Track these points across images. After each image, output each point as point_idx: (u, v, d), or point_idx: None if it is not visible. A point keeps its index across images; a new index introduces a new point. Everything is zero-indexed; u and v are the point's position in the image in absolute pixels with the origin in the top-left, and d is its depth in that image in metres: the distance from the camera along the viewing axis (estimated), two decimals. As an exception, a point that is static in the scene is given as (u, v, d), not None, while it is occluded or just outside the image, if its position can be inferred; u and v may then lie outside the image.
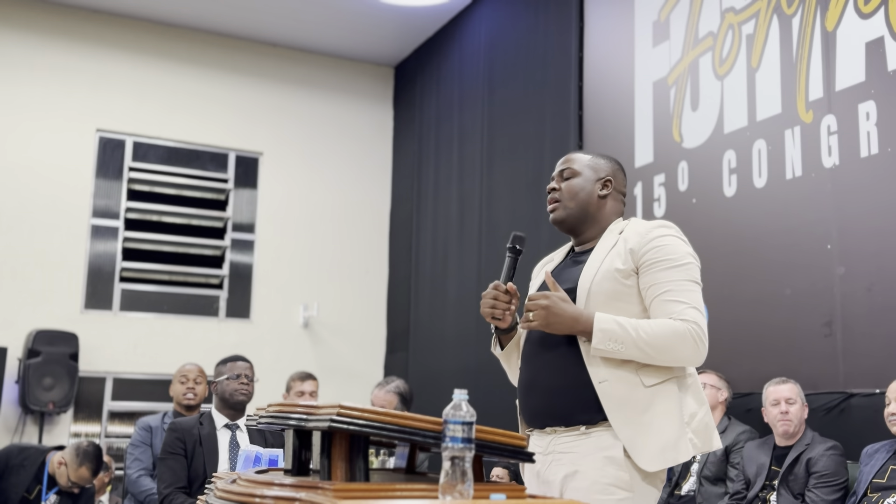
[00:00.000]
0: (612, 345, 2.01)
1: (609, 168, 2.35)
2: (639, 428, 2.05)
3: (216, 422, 3.63)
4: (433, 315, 7.71)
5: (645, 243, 2.15)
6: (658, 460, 2.04)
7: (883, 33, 3.94)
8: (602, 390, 2.09)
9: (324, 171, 8.69)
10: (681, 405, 2.09)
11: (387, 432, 1.72)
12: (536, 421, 2.24)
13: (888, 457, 3.40)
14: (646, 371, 2.09)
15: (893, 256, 3.82)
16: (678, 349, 2.04)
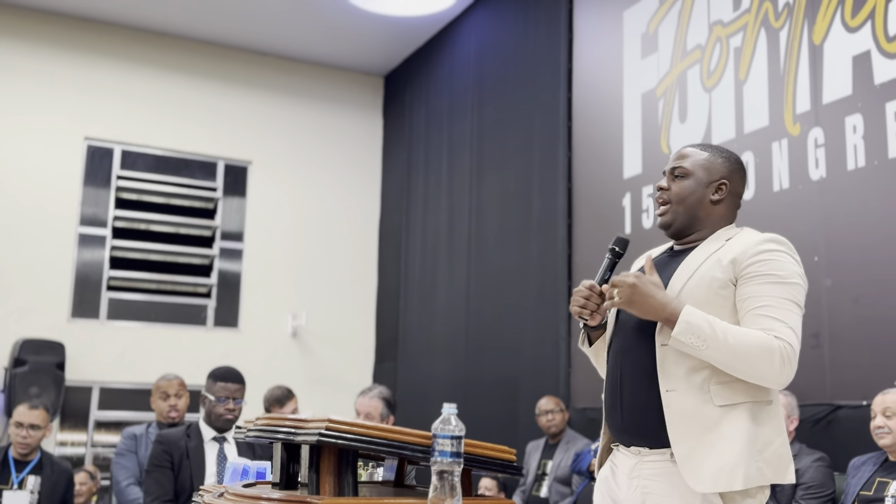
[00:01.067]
0: (693, 339, 1.88)
1: (725, 169, 2.15)
2: (697, 445, 1.95)
3: (204, 434, 3.61)
4: (422, 325, 7.71)
5: (751, 255, 2.02)
6: (709, 483, 1.92)
7: (869, 47, 3.97)
8: (668, 399, 1.99)
9: (313, 180, 8.68)
10: (753, 431, 1.96)
11: (375, 446, 1.72)
12: (622, 437, 2.13)
13: (875, 469, 3.41)
14: (720, 389, 1.98)
15: (880, 269, 3.85)
16: (762, 364, 1.91)
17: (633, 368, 2.09)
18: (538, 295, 6.05)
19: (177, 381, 4.41)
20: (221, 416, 3.58)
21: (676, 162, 2.18)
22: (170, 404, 4.32)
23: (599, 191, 5.64)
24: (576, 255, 5.75)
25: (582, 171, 5.86)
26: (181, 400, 4.37)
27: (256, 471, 2.41)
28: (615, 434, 2.17)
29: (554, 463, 5.00)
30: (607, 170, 5.55)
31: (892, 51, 3.86)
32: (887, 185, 3.84)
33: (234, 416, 3.63)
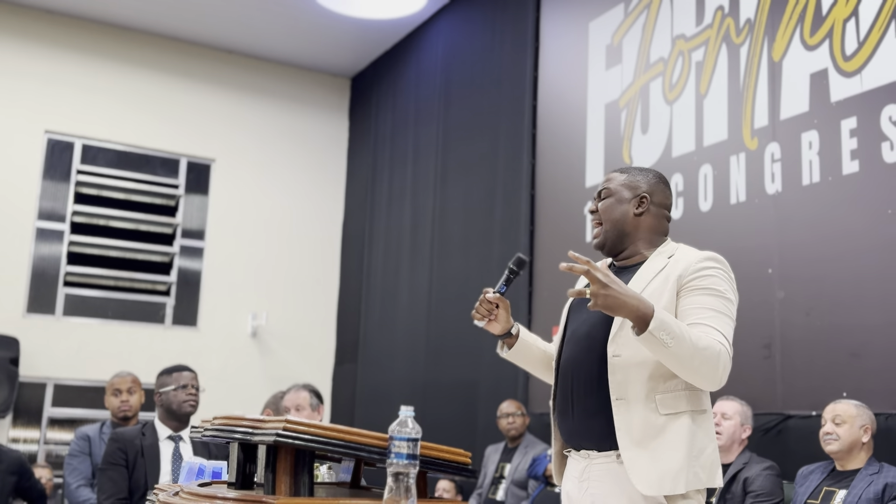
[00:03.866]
0: (664, 336, 1.94)
1: (646, 184, 2.26)
2: (644, 452, 2.06)
3: (159, 433, 3.59)
4: (383, 328, 7.71)
5: (693, 271, 2.13)
6: (655, 486, 2.04)
7: (827, 65, 4.07)
8: (617, 408, 2.09)
9: (277, 180, 8.66)
10: (692, 439, 2.09)
11: (332, 447, 1.74)
12: (572, 441, 2.23)
13: (823, 478, 3.49)
14: (664, 399, 2.09)
15: (832, 282, 3.94)
16: (710, 367, 2.02)
17: (584, 377, 2.19)
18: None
19: (130, 378, 4.37)
20: (185, 401, 3.58)
21: (602, 185, 2.32)
22: (121, 400, 4.29)
23: (562, 198, 5.70)
24: (537, 262, 5.81)
25: (545, 178, 5.91)
26: (133, 396, 4.34)
27: (212, 470, 2.41)
28: (566, 438, 2.26)
29: (512, 466, 5.04)
30: (570, 178, 5.61)
31: (848, 69, 3.96)
32: (841, 200, 3.94)
33: (196, 403, 3.63)
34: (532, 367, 2.46)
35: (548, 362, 2.42)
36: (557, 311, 6.07)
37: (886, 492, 3.25)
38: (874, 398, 3.57)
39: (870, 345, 3.72)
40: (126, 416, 4.28)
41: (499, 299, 2.30)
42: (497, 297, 2.30)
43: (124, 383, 4.34)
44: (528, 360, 2.43)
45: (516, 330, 2.38)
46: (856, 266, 3.84)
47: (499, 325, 2.33)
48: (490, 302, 2.30)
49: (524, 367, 2.47)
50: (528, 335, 2.43)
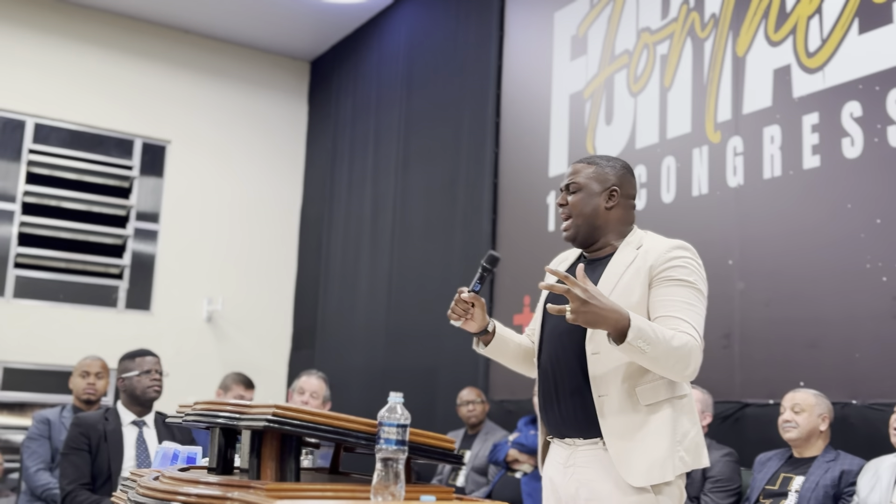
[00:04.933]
0: (642, 343, 1.98)
1: (614, 176, 2.30)
2: (630, 444, 2.11)
3: (122, 418, 3.54)
4: (342, 314, 7.69)
5: (664, 261, 2.17)
6: (644, 477, 2.10)
7: (790, 61, 4.15)
8: (600, 404, 2.15)
9: (234, 163, 8.55)
10: (674, 425, 2.14)
11: (321, 433, 1.74)
12: (557, 431, 2.28)
13: (780, 465, 3.58)
14: (644, 390, 2.14)
15: (791, 274, 4.03)
16: (684, 363, 2.06)
17: (566, 374, 2.25)
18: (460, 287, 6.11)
19: (99, 362, 4.32)
20: (150, 387, 3.54)
21: (569, 178, 2.34)
22: (88, 382, 4.23)
23: (525, 187, 5.73)
24: (500, 250, 5.83)
25: (508, 167, 5.94)
26: (101, 381, 4.28)
27: (187, 456, 2.39)
28: (550, 428, 2.32)
29: (472, 453, 5.08)
30: (533, 167, 5.65)
31: (811, 66, 4.04)
32: (801, 194, 4.03)
33: (160, 388, 3.59)
34: (508, 362, 2.50)
35: (523, 356, 2.46)
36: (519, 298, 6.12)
37: (843, 478, 3.35)
38: (830, 388, 3.67)
39: (827, 336, 3.82)
40: (90, 400, 4.22)
41: (474, 298, 2.32)
42: (472, 296, 2.32)
43: (94, 366, 4.28)
44: (505, 356, 2.47)
45: (492, 327, 2.41)
46: (815, 259, 3.93)
47: (475, 324, 2.36)
48: (465, 301, 2.31)
49: (501, 361, 2.50)
50: (504, 331, 2.45)
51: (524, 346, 2.47)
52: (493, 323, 2.41)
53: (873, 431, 3.49)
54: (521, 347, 2.47)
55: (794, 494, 3.41)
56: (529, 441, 4.56)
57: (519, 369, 2.51)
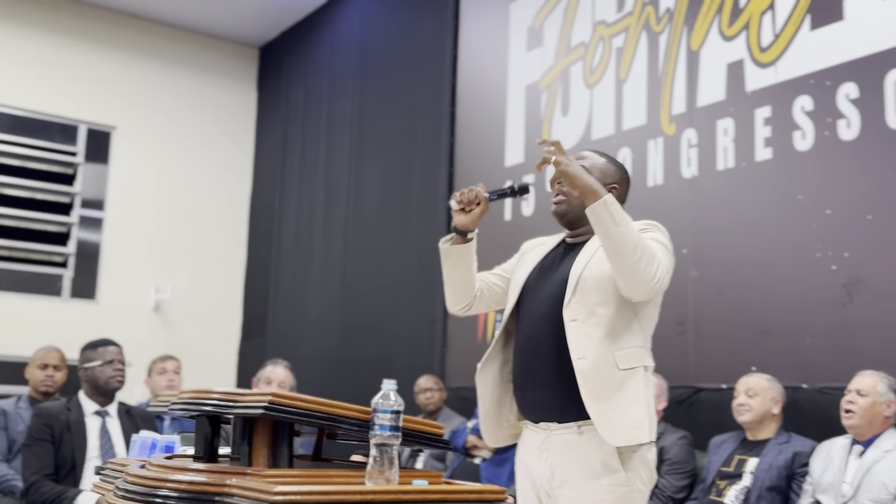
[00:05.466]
0: (614, 212, 2.07)
1: (618, 176, 2.39)
2: (608, 405, 2.16)
3: (85, 408, 3.50)
4: (294, 303, 7.66)
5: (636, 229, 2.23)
6: (622, 437, 2.15)
7: (743, 56, 4.26)
8: (579, 367, 2.18)
9: (181, 150, 8.44)
10: (647, 392, 2.22)
11: (317, 420, 1.76)
12: (532, 414, 2.32)
13: (735, 447, 3.71)
14: (622, 355, 2.20)
15: (743, 263, 4.16)
16: (648, 263, 2.11)
17: (543, 353, 2.28)
18: (416, 276, 6.15)
19: (58, 354, 4.25)
20: (112, 377, 3.51)
21: (578, 159, 2.37)
22: (47, 374, 4.16)
23: (481, 176, 5.76)
24: (455, 239, 5.88)
25: (464, 156, 5.98)
26: (59, 373, 4.21)
27: (165, 445, 2.39)
28: (525, 412, 2.35)
29: (430, 440, 5.12)
30: (489, 156, 5.70)
31: (764, 60, 4.16)
32: (753, 186, 4.15)
33: (124, 378, 3.56)
34: (457, 276, 2.44)
35: (469, 282, 2.44)
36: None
37: (795, 459, 3.48)
38: (782, 372, 3.80)
39: (778, 323, 3.95)
40: (48, 392, 4.15)
41: (484, 200, 2.32)
42: (485, 197, 2.31)
43: (53, 358, 4.21)
44: (460, 270, 2.42)
45: (472, 237, 2.40)
46: (766, 248, 4.06)
47: (465, 219, 2.35)
48: (477, 196, 2.31)
49: (451, 272, 2.44)
50: (474, 253, 2.43)
51: (474, 279, 2.45)
52: (474, 236, 2.41)
53: (823, 414, 3.63)
54: (473, 277, 2.45)
55: (749, 475, 3.54)
56: (488, 427, 4.61)
57: (456, 292, 2.47)
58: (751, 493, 3.48)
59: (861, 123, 3.72)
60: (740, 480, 3.55)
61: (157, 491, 1.76)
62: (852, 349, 3.62)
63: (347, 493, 1.57)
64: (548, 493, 2.28)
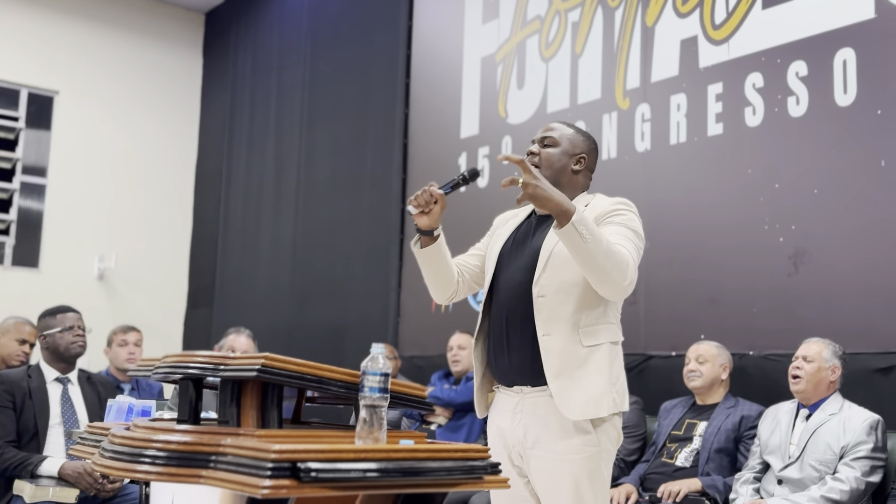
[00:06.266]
0: (584, 230, 2.11)
1: (586, 146, 2.46)
2: (569, 381, 2.25)
3: (46, 375, 3.48)
4: (243, 273, 7.63)
5: (607, 212, 2.33)
6: (580, 411, 2.25)
7: (697, 33, 4.37)
8: (544, 343, 2.27)
9: (126, 116, 8.28)
10: (610, 367, 2.31)
11: (307, 383, 1.81)
12: (505, 378, 2.39)
13: (684, 412, 3.86)
14: (586, 332, 2.29)
15: (693, 235, 4.30)
16: (619, 272, 2.18)
17: (516, 319, 2.37)
18: (369, 246, 6.19)
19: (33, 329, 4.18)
20: (73, 343, 3.49)
21: (546, 132, 2.46)
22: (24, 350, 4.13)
23: (435, 148, 5.83)
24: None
25: (418, 127, 6.01)
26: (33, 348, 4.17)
27: (142, 409, 2.41)
28: (500, 376, 2.43)
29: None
30: (444, 128, 5.74)
31: (716, 38, 4.28)
32: (704, 160, 4.28)
33: (84, 344, 3.55)
34: (433, 274, 2.51)
35: (447, 276, 2.51)
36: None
37: (743, 423, 3.64)
38: (729, 340, 3.95)
39: (727, 292, 4.11)
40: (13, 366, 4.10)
41: (440, 196, 2.36)
42: (438, 194, 2.36)
43: (31, 334, 4.16)
44: (435, 266, 2.48)
45: (438, 233, 2.44)
46: (716, 220, 4.20)
47: (427, 221, 2.39)
48: (432, 195, 2.36)
49: (427, 271, 2.51)
50: (445, 245, 2.49)
51: (452, 269, 2.52)
52: (440, 231, 2.45)
53: (768, 380, 3.80)
54: (450, 268, 2.51)
55: (699, 438, 3.69)
56: (444, 394, 4.71)
57: (436, 286, 2.54)
58: (700, 454, 3.63)
59: (809, 101, 3.87)
60: (690, 443, 3.70)
61: (146, 451, 1.78)
62: (797, 318, 3.79)
63: (342, 452, 1.62)
64: (520, 453, 2.36)
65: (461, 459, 1.83)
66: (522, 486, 2.38)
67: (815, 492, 3.14)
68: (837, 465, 3.18)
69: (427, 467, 1.70)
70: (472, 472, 1.76)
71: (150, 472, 1.75)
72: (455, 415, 4.72)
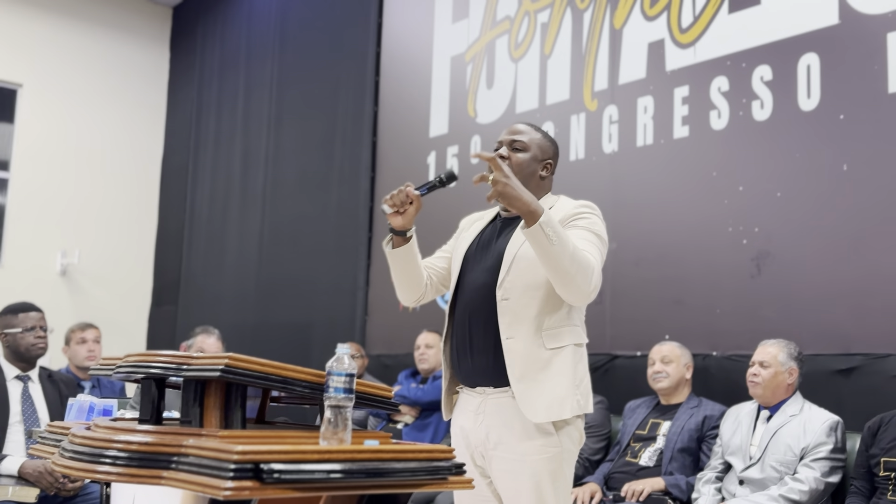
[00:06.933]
0: (550, 231, 2.11)
1: (552, 151, 2.48)
2: (532, 384, 2.26)
3: (6, 372, 3.43)
4: (208, 270, 7.57)
5: (571, 215, 2.33)
6: (543, 414, 2.26)
7: (664, 36, 4.41)
8: (508, 346, 2.28)
9: (91, 110, 8.18)
10: (574, 369, 2.32)
11: (272, 383, 1.80)
12: (468, 380, 2.40)
13: (649, 411, 3.89)
14: (549, 335, 2.30)
15: (659, 236, 4.33)
16: (584, 277, 2.18)
17: (479, 321, 2.37)
18: (337, 244, 6.17)
19: None
20: (34, 345, 3.45)
21: (516, 136, 2.46)
22: None
23: (405, 146, 5.82)
24: (378, 207, 5.92)
25: (388, 125, 6.00)
26: None
27: (103, 408, 2.39)
28: (463, 377, 2.44)
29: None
30: (414, 127, 5.74)
31: (683, 41, 4.32)
32: (670, 162, 4.32)
33: (46, 345, 3.50)
34: (403, 275, 2.51)
35: (417, 278, 2.51)
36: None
37: (706, 422, 3.68)
38: (693, 340, 4.00)
39: (691, 293, 4.15)
40: None
41: (415, 197, 2.36)
42: (416, 195, 2.35)
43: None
44: (406, 267, 2.48)
45: (411, 234, 2.44)
46: (682, 222, 4.24)
47: (401, 221, 2.38)
48: (408, 196, 2.35)
49: (397, 271, 2.50)
50: (416, 247, 2.49)
51: (421, 271, 2.52)
52: (413, 232, 2.45)
53: (731, 380, 3.84)
54: (420, 270, 2.51)
55: (662, 438, 3.72)
56: (411, 393, 4.71)
57: (405, 287, 2.54)
58: (664, 454, 3.67)
59: (774, 105, 3.92)
60: (654, 443, 3.73)
61: (106, 452, 1.76)
62: (759, 318, 3.83)
63: (306, 452, 1.61)
64: (482, 454, 2.37)
65: (425, 460, 1.83)
66: (485, 487, 2.39)
67: (774, 491, 3.18)
68: (797, 465, 3.22)
69: (391, 468, 1.70)
70: (437, 472, 1.76)
71: (111, 473, 1.73)
72: (422, 414, 4.73)
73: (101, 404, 2.39)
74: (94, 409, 2.37)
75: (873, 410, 3.25)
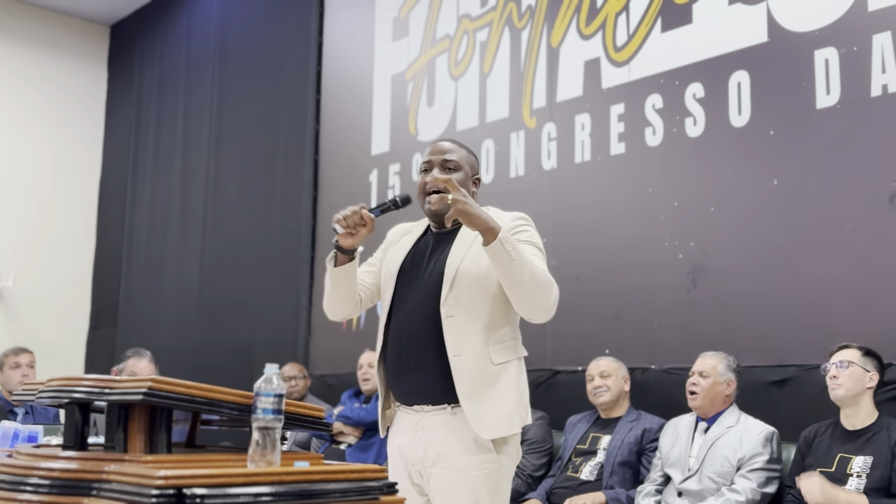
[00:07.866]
0: (510, 247, 2.14)
1: (477, 165, 2.53)
2: (481, 400, 2.26)
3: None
4: (147, 292, 7.43)
5: (510, 229, 2.32)
6: (494, 430, 2.27)
7: (600, 54, 4.47)
8: (455, 363, 2.27)
9: (26, 129, 8.01)
10: (518, 384, 2.33)
11: (197, 405, 1.76)
12: (405, 398, 2.38)
13: (589, 426, 3.91)
14: (496, 350, 2.30)
15: (598, 251, 4.37)
16: (544, 293, 2.23)
17: (418, 338, 2.36)
18: (280, 264, 6.11)
19: None
20: None
21: (447, 155, 2.46)
22: None
23: (347, 165, 5.80)
24: (320, 226, 5.88)
25: (330, 144, 5.98)
26: None
27: (28, 435, 2.32)
28: (400, 396, 2.42)
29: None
30: (355, 145, 5.73)
31: (618, 60, 4.38)
32: (608, 178, 4.37)
33: None
34: (340, 293, 2.49)
35: (352, 295, 2.49)
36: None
37: (645, 435, 3.71)
38: (632, 354, 4.04)
39: (629, 307, 4.19)
40: None
41: (370, 220, 2.35)
42: (370, 218, 2.35)
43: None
44: (345, 285, 2.46)
45: (356, 254, 2.44)
46: (620, 237, 4.29)
47: (351, 241, 2.37)
48: (362, 218, 2.34)
49: (335, 288, 2.48)
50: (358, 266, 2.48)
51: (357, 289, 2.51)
52: (358, 253, 2.45)
53: (669, 394, 3.88)
54: (356, 287, 2.50)
55: (603, 452, 3.74)
56: (354, 413, 4.67)
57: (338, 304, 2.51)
58: (604, 468, 3.69)
59: (706, 121, 3.99)
60: (595, 457, 3.75)
61: (28, 479, 1.71)
62: (696, 332, 3.89)
63: (231, 476, 1.58)
64: (420, 472, 2.36)
65: (357, 480, 1.81)
66: None
67: (712, 503, 3.21)
68: (735, 476, 3.26)
69: (322, 489, 1.68)
70: (368, 492, 1.74)
71: (32, 501, 1.68)
72: (365, 434, 4.68)
73: (27, 431, 2.32)
74: (18, 435, 2.30)
75: (807, 420, 3.31)
